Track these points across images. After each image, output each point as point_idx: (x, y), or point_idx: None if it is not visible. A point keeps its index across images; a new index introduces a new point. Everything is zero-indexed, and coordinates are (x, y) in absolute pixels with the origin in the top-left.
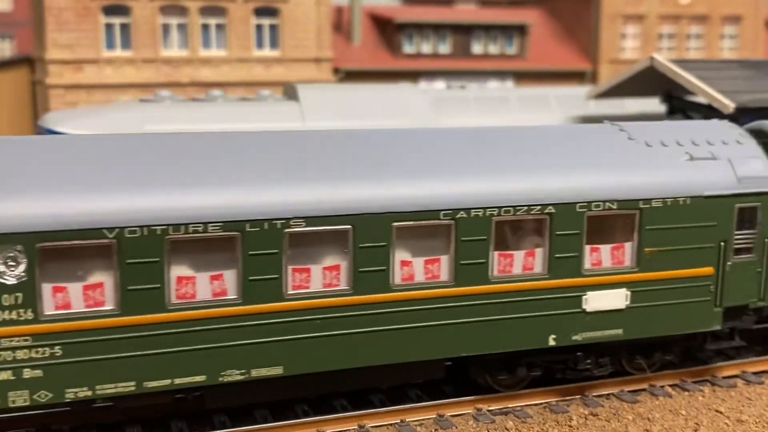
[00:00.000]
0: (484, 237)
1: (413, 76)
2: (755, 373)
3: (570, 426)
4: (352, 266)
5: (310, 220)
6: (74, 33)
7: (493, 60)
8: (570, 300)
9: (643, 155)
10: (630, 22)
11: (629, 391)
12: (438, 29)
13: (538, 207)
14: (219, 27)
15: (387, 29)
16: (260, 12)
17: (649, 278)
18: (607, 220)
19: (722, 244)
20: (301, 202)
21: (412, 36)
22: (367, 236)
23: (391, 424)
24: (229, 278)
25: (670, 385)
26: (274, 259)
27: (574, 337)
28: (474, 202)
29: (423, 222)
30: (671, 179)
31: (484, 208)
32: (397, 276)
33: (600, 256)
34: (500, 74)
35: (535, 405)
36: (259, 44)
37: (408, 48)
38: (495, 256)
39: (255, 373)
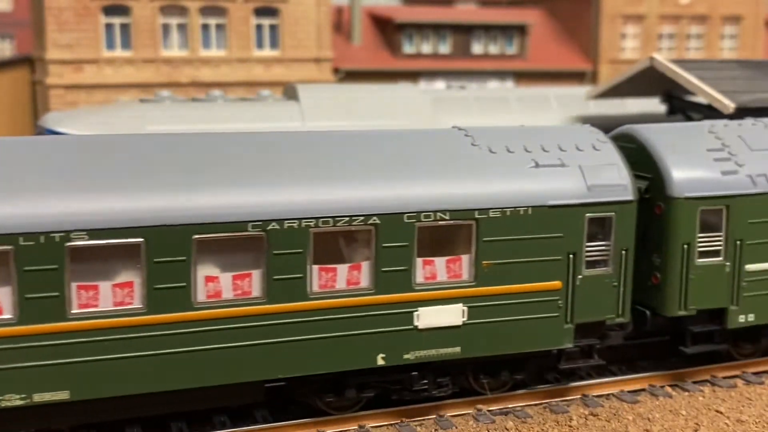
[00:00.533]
0: (301, 250)
1: (413, 76)
2: (755, 373)
3: (570, 426)
4: (146, 283)
5: (94, 232)
6: (74, 33)
7: (493, 60)
8: (399, 317)
9: (484, 162)
10: (630, 22)
11: (629, 391)
12: (438, 29)
13: (361, 218)
14: (219, 27)
15: (387, 29)
16: (260, 12)
17: (488, 293)
18: (440, 232)
19: (571, 256)
20: (84, 214)
21: (412, 36)
22: (163, 250)
23: (391, 424)
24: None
25: (670, 385)
26: (54, 276)
27: (406, 356)
28: (287, 213)
29: (229, 234)
30: (511, 188)
31: (299, 219)
32: (201, 293)
33: (434, 269)
34: (500, 74)
35: (535, 405)
36: (259, 44)
37: (408, 48)
38: (314, 270)
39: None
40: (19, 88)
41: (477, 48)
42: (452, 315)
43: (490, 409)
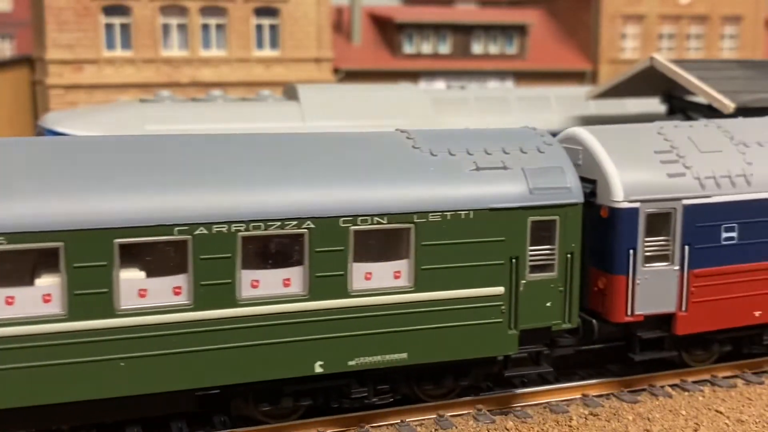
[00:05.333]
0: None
1: (413, 76)
2: (755, 373)
3: (570, 426)
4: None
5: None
6: (74, 33)
7: (493, 60)
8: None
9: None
10: (630, 22)
11: (629, 391)
12: (438, 29)
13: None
14: (219, 27)
15: (387, 29)
16: (260, 12)
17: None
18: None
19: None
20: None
21: (412, 36)
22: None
23: (391, 424)
24: None
25: (670, 385)
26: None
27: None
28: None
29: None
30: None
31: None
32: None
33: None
34: (500, 74)
35: (535, 405)
36: (259, 44)
37: (408, 48)
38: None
39: None
40: (19, 88)
41: (477, 48)
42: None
43: (490, 409)
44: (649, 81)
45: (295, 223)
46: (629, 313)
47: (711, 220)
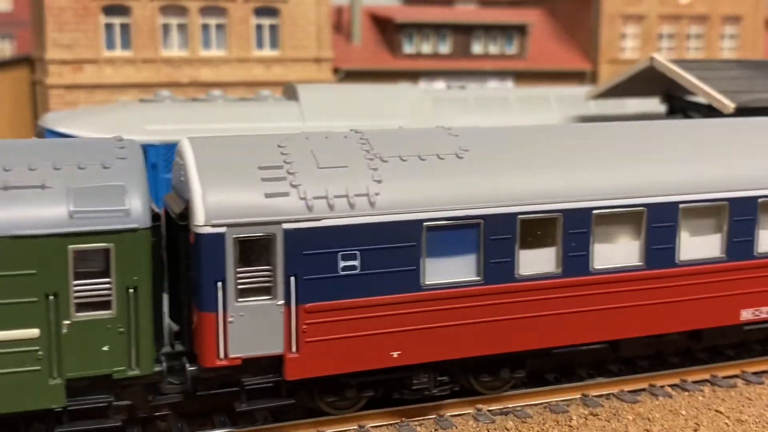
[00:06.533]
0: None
1: (413, 76)
2: (755, 373)
3: (570, 426)
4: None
5: None
6: (74, 33)
7: (493, 60)
8: None
9: None
10: (630, 22)
11: (629, 391)
12: (438, 29)
13: None
14: (219, 27)
15: (387, 29)
16: (260, 12)
17: None
18: None
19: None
20: None
21: (412, 36)
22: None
23: (391, 424)
24: None
25: (670, 385)
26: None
27: None
28: None
29: None
30: None
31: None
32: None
33: None
34: (500, 74)
35: (535, 405)
36: (259, 44)
37: (408, 48)
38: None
39: None
40: (19, 88)
41: (477, 48)
42: None
43: (490, 408)
44: (649, 81)
45: None
46: (222, 356)
47: (323, 247)
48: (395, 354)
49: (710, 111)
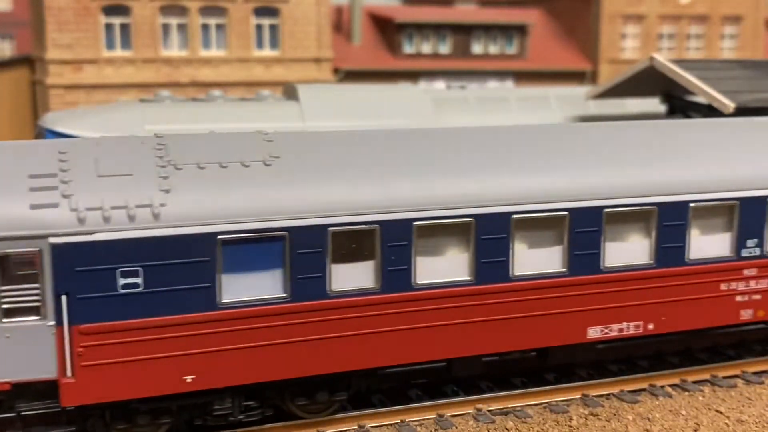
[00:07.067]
0: None
1: (413, 76)
2: (755, 373)
3: (570, 426)
4: None
5: None
6: (74, 33)
7: (493, 60)
8: None
9: None
10: (630, 22)
11: (629, 391)
12: (438, 29)
13: None
14: (219, 27)
15: (387, 29)
16: (260, 12)
17: None
18: None
19: None
20: None
21: (412, 36)
22: None
23: (391, 424)
24: None
25: (670, 385)
26: None
27: None
28: None
29: None
30: None
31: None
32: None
33: None
34: (500, 74)
35: (535, 405)
36: (259, 44)
37: (408, 48)
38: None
39: None
40: (19, 88)
41: (477, 48)
42: None
43: (490, 408)
44: (649, 81)
45: None
46: None
47: (99, 263)
48: (188, 378)
49: (710, 111)
